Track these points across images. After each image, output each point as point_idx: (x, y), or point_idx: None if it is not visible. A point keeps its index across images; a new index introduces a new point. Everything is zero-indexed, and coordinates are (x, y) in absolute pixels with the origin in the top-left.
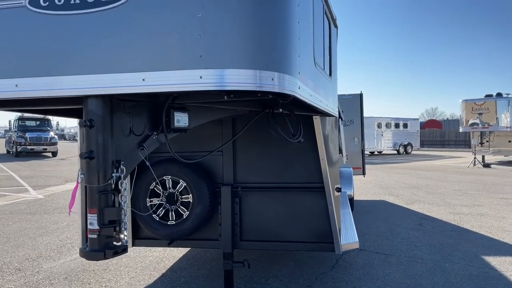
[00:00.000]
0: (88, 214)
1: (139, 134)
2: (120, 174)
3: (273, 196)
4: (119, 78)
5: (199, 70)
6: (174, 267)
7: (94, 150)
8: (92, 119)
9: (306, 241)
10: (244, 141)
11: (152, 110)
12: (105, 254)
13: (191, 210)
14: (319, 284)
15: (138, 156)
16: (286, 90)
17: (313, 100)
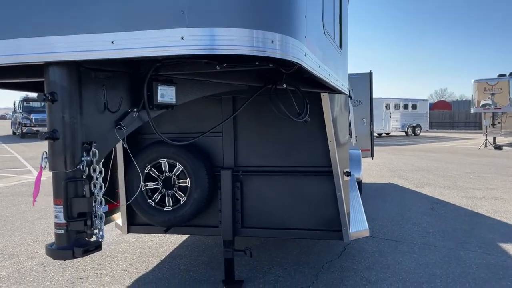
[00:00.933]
0: (54, 206)
1: (115, 111)
2: (91, 158)
3: (277, 180)
4: (83, 40)
5: (180, 30)
6: (174, 253)
7: (59, 130)
8: (55, 92)
9: (312, 229)
10: (246, 121)
11: (131, 82)
12: (74, 252)
13: (189, 195)
14: (326, 273)
15: (114, 136)
16: (290, 56)
17: (322, 73)
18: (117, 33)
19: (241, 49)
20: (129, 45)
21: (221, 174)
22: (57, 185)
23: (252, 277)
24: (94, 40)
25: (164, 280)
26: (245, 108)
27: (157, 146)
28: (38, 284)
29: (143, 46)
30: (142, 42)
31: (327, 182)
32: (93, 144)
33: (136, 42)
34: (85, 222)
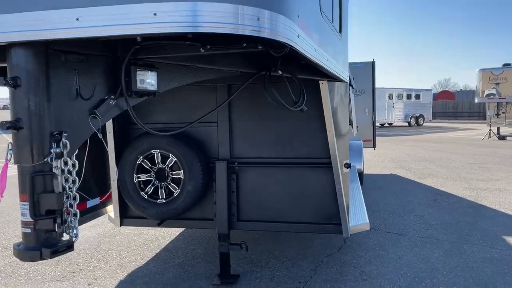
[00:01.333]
0: (20, 202)
1: (88, 98)
2: (62, 149)
3: (274, 172)
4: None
5: (152, 4)
6: (169, 246)
7: (23, 118)
8: (18, 76)
9: (310, 223)
10: (241, 110)
11: (108, 67)
12: (42, 253)
13: (183, 187)
14: (325, 267)
15: (87, 126)
16: (280, 36)
17: (318, 58)
18: (83, 9)
19: (224, 27)
20: (96, 23)
21: (216, 166)
22: (22, 180)
23: (249, 271)
24: (56, 17)
25: (157, 275)
26: (240, 97)
27: (149, 137)
28: (29, 278)
29: (111, 24)
30: (110, 19)
31: (326, 174)
32: (63, 134)
33: (103, 19)
34: (55, 220)
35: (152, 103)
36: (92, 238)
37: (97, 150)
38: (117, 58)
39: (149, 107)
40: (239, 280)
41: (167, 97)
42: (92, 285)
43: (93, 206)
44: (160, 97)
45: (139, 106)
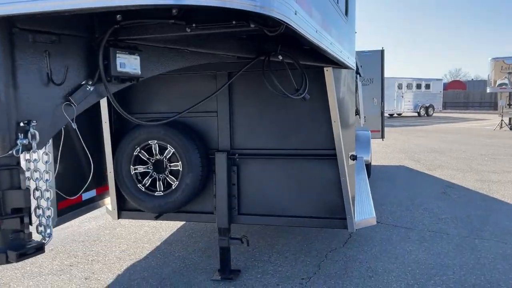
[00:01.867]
0: None
1: (60, 83)
2: (30, 141)
3: (277, 164)
4: None
5: None
6: (170, 239)
7: None
8: None
9: (314, 217)
10: (243, 99)
11: (83, 48)
12: (8, 256)
13: (181, 179)
14: (329, 263)
15: (60, 114)
16: (274, 11)
17: (320, 40)
18: None
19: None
20: None
21: (216, 157)
22: None
23: (250, 266)
24: None
25: (156, 268)
26: (242, 85)
27: (146, 127)
28: (26, 271)
29: None
30: None
31: (331, 166)
32: (32, 123)
33: None
34: (22, 220)
35: (150, 92)
36: (92, 230)
37: (93, 140)
38: (95, 39)
39: (147, 96)
40: (240, 275)
41: (165, 86)
42: (89, 279)
43: (89, 198)
44: (158, 86)
45: (136, 95)
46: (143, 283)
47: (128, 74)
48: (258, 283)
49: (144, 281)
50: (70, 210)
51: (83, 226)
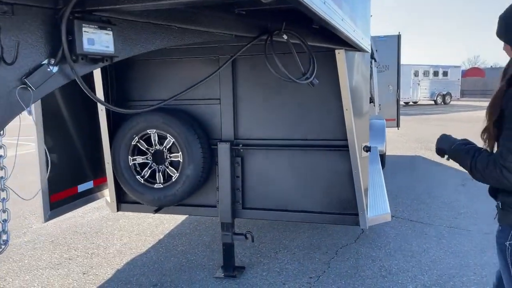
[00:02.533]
0: None
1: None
2: None
3: (284, 155)
4: None
5: None
6: (173, 232)
7: None
8: None
9: (323, 212)
10: (247, 86)
11: (44, 21)
12: None
13: (181, 171)
14: (339, 260)
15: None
16: None
17: (329, 13)
18: None
19: None
20: None
21: (218, 148)
22: None
23: (255, 262)
24: None
25: (157, 264)
26: (246, 71)
27: (145, 115)
28: (24, 264)
29: None
30: None
31: (342, 158)
32: None
33: None
34: None
35: (149, 78)
36: (94, 221)
37: (90, 129)
38: (57, 11)
39: (146, 83)
40: (244, 273)
41: (165, 71)
42: (87, 274)
43: (86, 190)
44: (158, 71)
45: (134, 81)
46: (142, 279)
47: (98, 52)
48: (263, 282)
49: (143, 277)
50: (64, 202)
51: (86, 216)
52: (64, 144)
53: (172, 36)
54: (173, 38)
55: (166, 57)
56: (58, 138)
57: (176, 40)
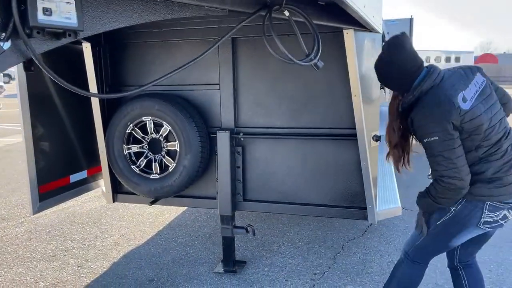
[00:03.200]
0: None
1: None
2: None
3: (287, 145)
4: None
5: None
6: (174, 223)
7: None
8: None
9: (329, 206)
10: (249, 70)
11: None
12: None
13: (178, 161)
14: (346, 255)
15: None
16: None
17: None
18: None
19: None
20: None
21: (218, 137)
22: None
23: (257, 256)
24: None
25: (155, 257)
26: (248, 54)
27: (139, 101)
28: (18, 255)
29: None
30: None
31: (350, 148)
32: None
33: None
34: None
35: (145, 62)
36: (94, 211)
37: (83, 114)
38: None
39: (141, 67)
40: (245, 268)
41: (161, 55)
42: (82, 267)
43: (79, 180)
44: (154, 55)
45: (129, 65)
46: (138, 274)
47: (57, 25)
48: (265, 278)
49: (140, 271)
50: (55, 193)
51: (85, 206)
52: (55, 130)
53: (153, 10)
54: (155, 12)
55: (164, 39)
56: (47, 125)
57: (159, 14)
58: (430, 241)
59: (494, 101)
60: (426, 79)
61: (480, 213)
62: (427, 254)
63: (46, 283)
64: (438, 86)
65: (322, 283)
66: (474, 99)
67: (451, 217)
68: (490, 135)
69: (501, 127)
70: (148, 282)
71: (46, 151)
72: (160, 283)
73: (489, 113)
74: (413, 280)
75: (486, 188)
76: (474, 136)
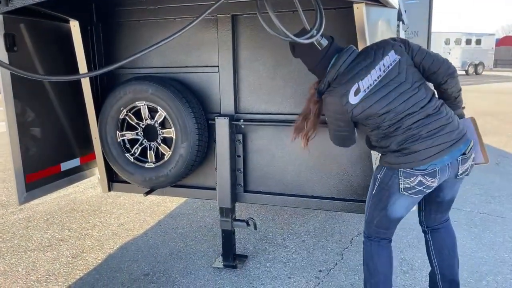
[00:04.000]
0: None
1: None
2: None
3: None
4: None
5: None
6: (175, 212)
7: None
8: None
9: (336, 199)
10: (250, 51)
11: None
12: None
13: (174, 150)
14: (354, 251)
15: None
16: None
17: None
18: None
19: None
20: None
21: (216, 123)
22: None
23: (260, 250)
24: None
25: (152, 249)
26: (249, 33)
27: (132, 85)
28: (13, 244)
29: None
30: None
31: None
32: None
33: None
34: None
35: (140, 42)
36: (94, 198)
37: (74, 98)
38: None
39: (136, 47)
40: (246, 262)
41: (157, 34)
42: (76, 258)
43: (71, 168)
44: (149, 34)
45: (123, 45)
46: (133, 267)
47: None
48: (266, 274)
49: (135, 264)
50: (44, 182)
51: (86, 193)
52: (42, 115)
53: None
54: None
55: (159, 17)
56: (33, 108)
57: None
58: (373, 213)
59: (399, 83)
60: (330, 69)
61: (397, 179)
62: (377, 228)
63: (38, 275)
64: (339, 78)
65: (327, 282)
66: (369, 89)
67: (378, 185)
68: (388, 118)
69: (406, 107)
70: (143, 277)
71: (32, 138)
72: (155, 278)
73: (385, 100)
74: (376, 257)
75: (395, 157)
76: (369, 121)
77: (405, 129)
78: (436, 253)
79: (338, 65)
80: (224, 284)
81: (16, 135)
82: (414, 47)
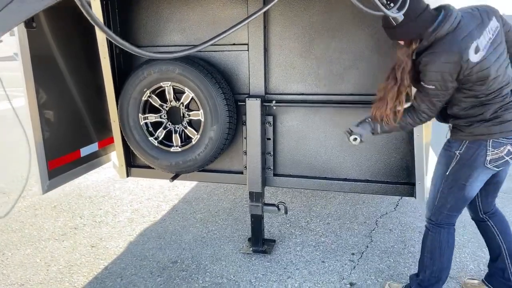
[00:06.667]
0: None
1: None
2: None
3: (325, 114)
4: None
5: None
6: (189, 197)
7: None
8: None
9: (370, 181)
10: (282, 28)
11: None
12: None
13: (203, 133)
14: (382, 232)
15: None
16: None
17: None
18: None
19: None
20: None
21: (247, 105)
22: None
23: (286, 234)
24: None
25: (174, 235)
26: (281, 10)
27: (157, 65)
28: (24, 234)
29: None
30: None
31: None
32: None
33: None
34: None
35: (161, 20)
36: (100, 183)
37: (93, 81)
38: None
39: (157, 25)
40: (275, 247)
41: (179, 12)
42: (96, 247)
43: (90, 154)
44: (171, 11)
45: (143, 23)
46: (159, 255)
47: None
48: (299, 259)
49: (160, 251)
50: (65, 169)
51: (90, 177)
52: (62, 97)
53: None
54: None
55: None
56: (53, 91)
57: None
58: (447, 197)
59: (503, 49)
60: (442, 25)
61: (484, 151)
62: (449, 213)
63: (59, 266)
64: (454, 33)
65: (363, 265)
66: (486, 49)
67: (457, 162)
68: (493, 86)
69: (505, 77)
70: (171, 265)
71: (53, 122)
72: (184, 265)
73: (497, 64)
74: (445, 245)
75: (485, 127)
76: (477, 86)
77: (503, 98)
78: (503, 235)
79: (450, 21)
80: (258, 270)
81: (37, 120)
82: (507, 23)
